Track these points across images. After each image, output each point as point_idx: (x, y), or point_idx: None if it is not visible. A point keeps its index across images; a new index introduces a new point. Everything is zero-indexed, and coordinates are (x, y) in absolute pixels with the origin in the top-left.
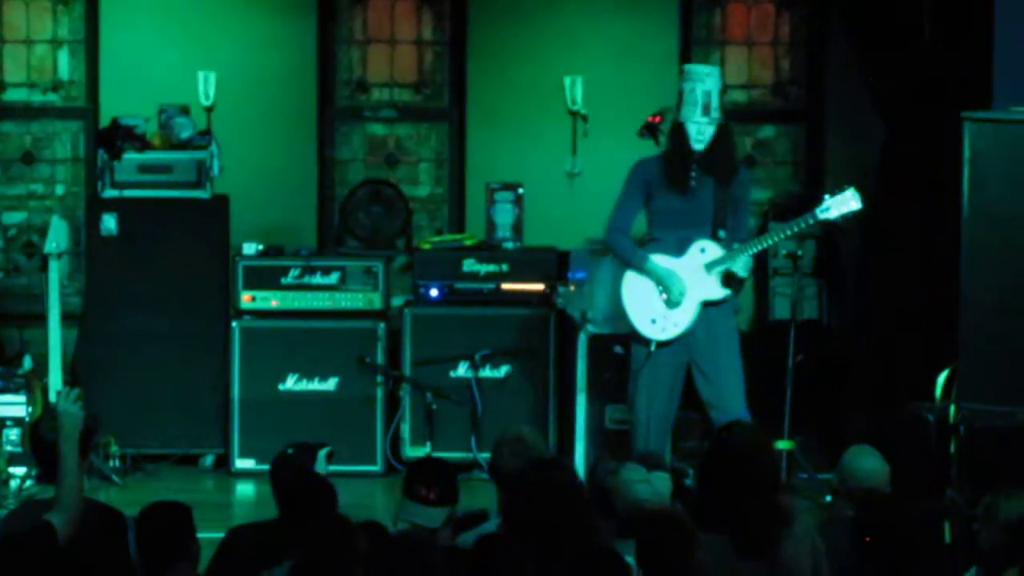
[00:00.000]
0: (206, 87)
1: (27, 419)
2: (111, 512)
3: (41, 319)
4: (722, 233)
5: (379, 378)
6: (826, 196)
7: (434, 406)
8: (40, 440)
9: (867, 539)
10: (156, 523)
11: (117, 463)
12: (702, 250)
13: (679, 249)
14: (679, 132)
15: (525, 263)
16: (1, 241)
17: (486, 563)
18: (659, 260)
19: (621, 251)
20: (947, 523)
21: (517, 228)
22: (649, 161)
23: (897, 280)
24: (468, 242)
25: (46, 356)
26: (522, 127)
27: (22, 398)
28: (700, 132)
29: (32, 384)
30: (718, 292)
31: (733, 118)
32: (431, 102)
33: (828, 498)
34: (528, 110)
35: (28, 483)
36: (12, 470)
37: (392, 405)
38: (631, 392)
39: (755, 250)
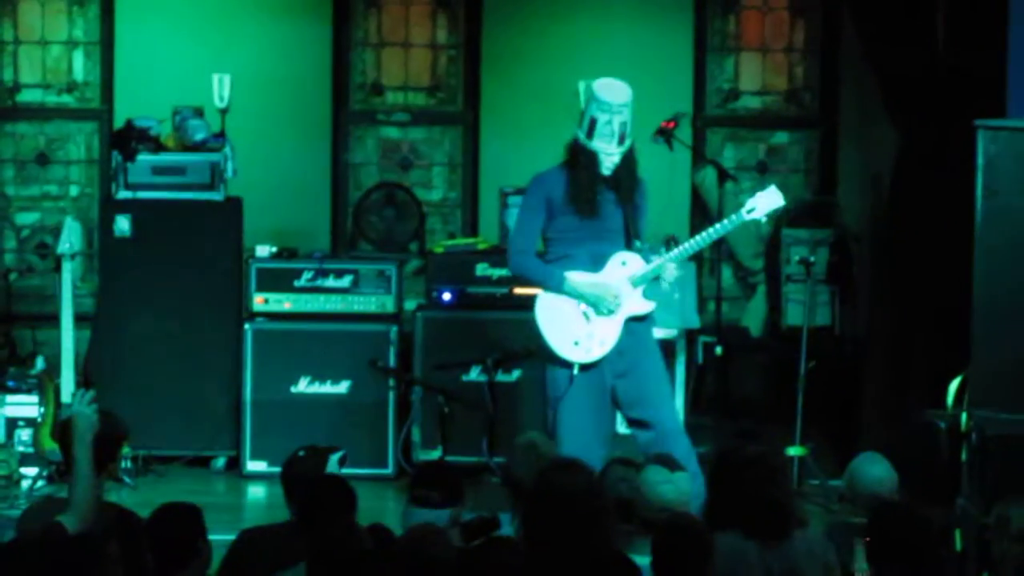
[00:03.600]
0: (220, 89)
1: (39, 420)
2: (125, 514)
3: (54, 320)
4: (638, 244)
5: (391, 381)
6: (750, 198)
7: (446, 410)
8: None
9: (867, 539)
10: (167, 525)
11: (129, 465)
12: (623, 263)
13: (595, 264)
14: (589, 157)
15: None
16: (15, 242)
17: (495, 565)
18: (579, 277)
19: (534, 274)
20: (958, 531)
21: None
22: (548, 177)
23: (909, 287)
24: (481, 246)
25: (59, 357)
26: (535, 131)
27: (34, 399)
28: (612, 161)
29: (45, 385)
30: (643, 306)
31: (747, 124)
32: (445, 106)
33: (837, 506)
34: (541, 114)
35: (40, 483)
36: (24, 470)
37: (404, 409)
38: (551, 424)
39: (681, 257)
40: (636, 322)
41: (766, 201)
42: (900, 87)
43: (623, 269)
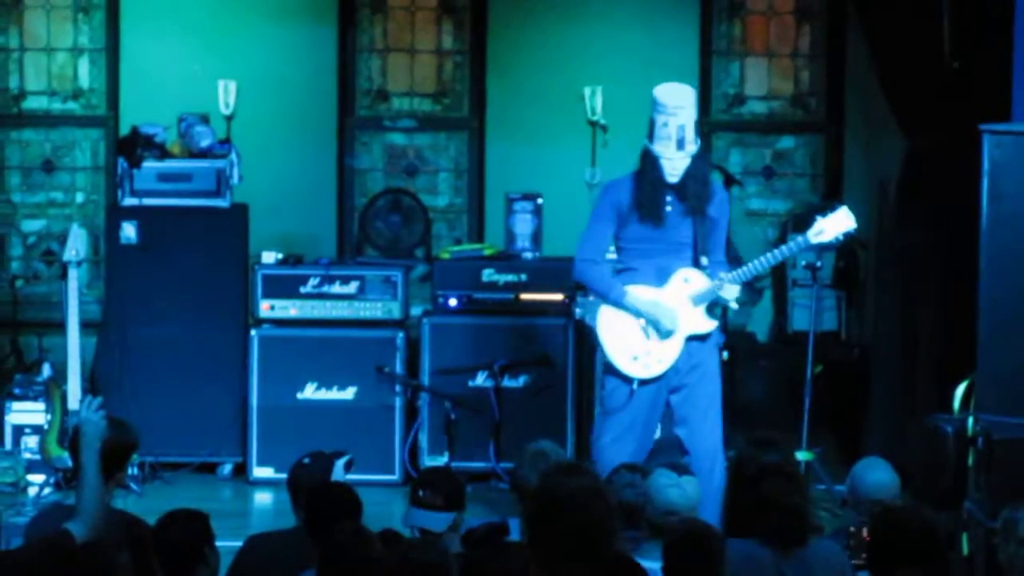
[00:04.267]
0: (226, 96)
1: (46, 427)
2: (132, 520)
3: (60, 327)
4: (704, 261)
5: (398, 387)
6: (817, 217)
7: (452, 415)
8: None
9: (866, 539)
10: (173, 532)
11: (136, 471)
12: (686, 280)
13: (659, 279)
14: (652, 162)
15: (544, 273)
16: (21, 249)
17: (502, 571)
18: (640, 292)
19: (596, 284)
20: (964, 536)
21: (536, 238)
22: (618, 185)
23: (916, 292)
24: (487, 252)
25: (65, 364)
26: (541, 137)
27: (41, 406)
28: (674, 167)
29: (51, 392)
30: (705, 325)
31: (753, 129)
32: (451, 112)
33: (841, 511)
34: (547, 120)
35: (47, 490)
36: (30, 477)
37: (410, 414)
38: (597, 432)
39: (744, 279)
40: (697, 340)
41: (835, 224)
42: (906, 92)
43: (685, 287)
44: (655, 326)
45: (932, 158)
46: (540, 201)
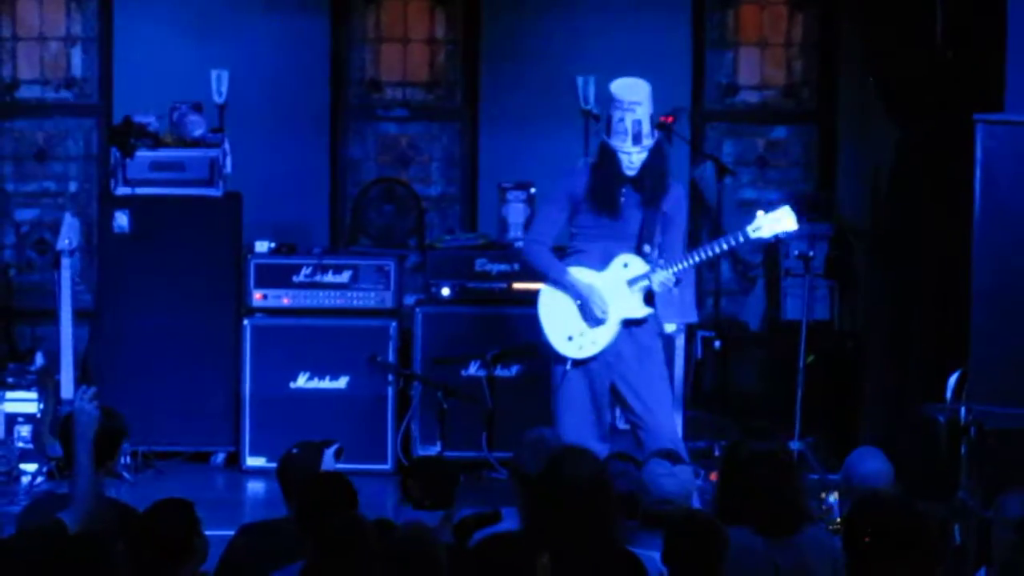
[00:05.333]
0: (219, 85)
1: (38, 416)
2: (125, 510)
3: (53, 316)
4: (647, 248)
5: (390, 377)
6: (759, 213)
7: (445, 405)
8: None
9: (865, 539)
10: (161, 521)
11: (128, 460)
12: (625, 265)
13: (602, 262)
14: (609, 157)
15: None
16: (14, 238)
17: (490, 561)
18: (579, 274)
19: (537, 262)
20: (957, 525)
21: (529, 227)
22: (575, 173)
23: (908, 281)
24: (480, 241)
25: (58, 353)
26: (534, 126)
27: (34, 395)
28: (631, 161)
29: (44, 381)
30: (639, 310)
31: (745, 119)
32: (443, 101)
33: (831, 499)
34: (540, 110)
35: (40, 479)
36: (23, 467)
37: (403, 404)
38: (553, 410)
39: (678, 267)
40: (636, 326)
41: (774, 223)
42: (899, 81)
43: (623, 271)
44: (588, 310)
45: (925, 147)
46: (533, 190)
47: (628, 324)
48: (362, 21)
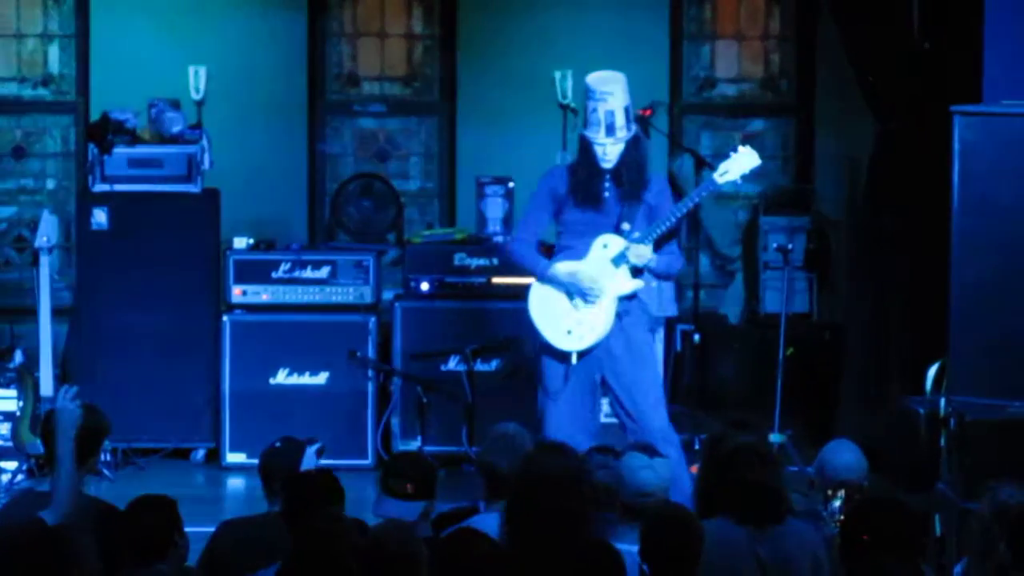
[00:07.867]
0: (196, 81)
1: (18, 414)
2: (106, 508)
3: (32, 313)
4: (626, 227)
5: (370, 372)
6: (722, 161)
7: (425, 400)
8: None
9: (864, 537)
10: (142, 518)
11: (108, 457)
12: (604, 245)
13: (585, 253)
14: (586, 148)
15: None
16: None
17: (463, 552)
18: (560, 265)
19: (521, 260)
20: (937, 516)
21: (507, 222)
22: (556, 171)
23: (887, 273)
24: (459, 236)
25: (37, 350)
26: (512, 121)
27: (13, 392)
28: (605, 152)
29: (23, 378)
30: (630, 285)
31: (723, 112)
32: (421, 96)
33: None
34: (518, 104)
35: (19, 477)
36: (2, 464)
37: (383, 399)
38: (539, 412)
39: (654, 235)
40: (627, 318)
41: (739, 163)
42: (876, 73)
43: (604, 252)
44: (580, 294)
45: (903, 139)
46: (511, 185)
47: (621, 316)
48: (339, 16)
